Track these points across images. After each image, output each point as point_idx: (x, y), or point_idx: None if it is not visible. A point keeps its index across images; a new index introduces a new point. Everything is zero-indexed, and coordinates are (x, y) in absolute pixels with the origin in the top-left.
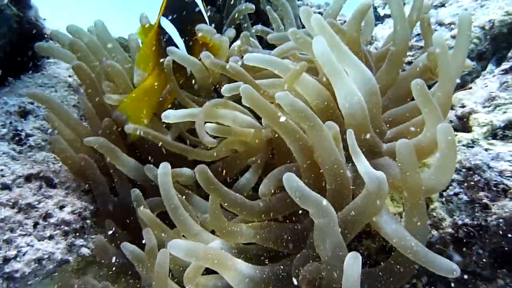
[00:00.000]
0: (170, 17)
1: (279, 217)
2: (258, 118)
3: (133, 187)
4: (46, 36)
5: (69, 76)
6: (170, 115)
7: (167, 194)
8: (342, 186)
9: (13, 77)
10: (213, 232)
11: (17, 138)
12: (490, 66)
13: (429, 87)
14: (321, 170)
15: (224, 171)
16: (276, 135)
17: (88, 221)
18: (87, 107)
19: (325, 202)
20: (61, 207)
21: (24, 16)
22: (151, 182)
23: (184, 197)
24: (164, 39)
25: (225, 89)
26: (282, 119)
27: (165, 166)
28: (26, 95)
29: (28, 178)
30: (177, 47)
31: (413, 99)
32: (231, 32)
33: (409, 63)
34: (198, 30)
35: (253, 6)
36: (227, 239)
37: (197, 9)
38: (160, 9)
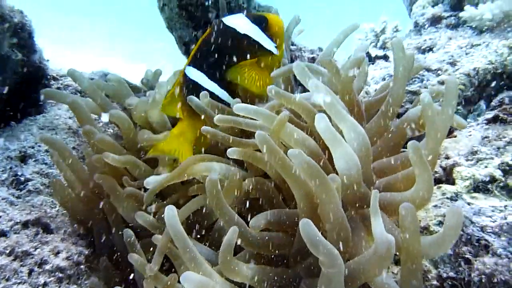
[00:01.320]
0: (196, 65)
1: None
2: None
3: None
4: (49, 77)
5: (70, 118)
6: (150, 182)
7: (177, 235)
8: (342, 241)
9: (16, 118)
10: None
11: (16, 183)
12: (471, 116)
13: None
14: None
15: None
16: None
17: (82, 266)
18: (85, 149)
19: (336, 252)
20: (57, 253)
21: (28, 60)
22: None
23: None
24: (190, 87)
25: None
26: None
27: (171, 208)
28: (39, 140)
29: (25, 224)
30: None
31: (404, 147)
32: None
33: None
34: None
35: None
36: (226, 274)
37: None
38: (189, 56)
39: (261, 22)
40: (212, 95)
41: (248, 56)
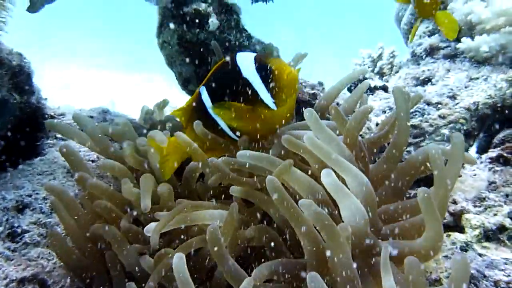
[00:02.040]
0: (208, 88)
1: None
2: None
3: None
4: (47, 116)
5: None
6: (149, 230)
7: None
8: None
9: (14, 162)
10: None
11: (13, 236)
12: (475, 148)
13: (427, 179)
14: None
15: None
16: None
17: None
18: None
19: None
20: None
21: (27, 102)
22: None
23: None
24: (199, 107)
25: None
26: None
27: (180, 256)
28: (45, 189)
29: (22, 282)
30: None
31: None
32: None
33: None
34: None
35: None
36: None
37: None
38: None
39: (264, 70)
40: (215, 123)
41: (242, 99)
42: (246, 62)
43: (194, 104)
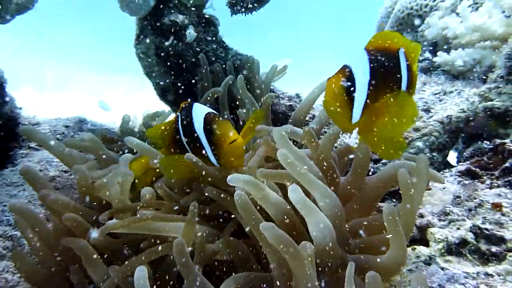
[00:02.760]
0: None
1: None
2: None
3: None
4: (21, 125)
5: (40, 171)
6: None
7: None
8: None
9: None
10: None
11: None
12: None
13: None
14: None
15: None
16: None
17: None
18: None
19: None
20: None
21: None
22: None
23: None
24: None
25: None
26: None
27: (142, 269)
28: (8, 209)
29: None
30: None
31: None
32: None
33: None
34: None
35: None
36: None
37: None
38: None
39: (210, 133)
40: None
41: (194, 146)
42: (198, 117)
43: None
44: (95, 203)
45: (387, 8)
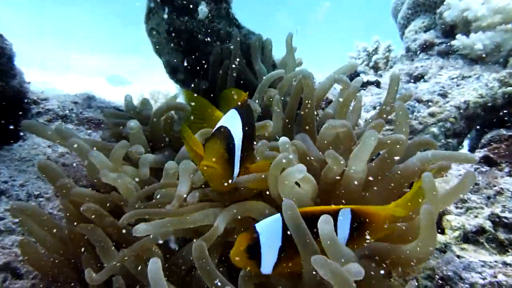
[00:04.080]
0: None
1: None
2: None
3: None
4: (29, 101)
5: (49, 147)
6: (140, 229)
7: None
8: None
9: None
10: None
11: None
12: (466, 147)
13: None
14: None
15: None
16: None
17: None
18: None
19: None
20: None
21: (7, 85)
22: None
23: None
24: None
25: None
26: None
27: (156, 261)
28: (11, 212)
29: None
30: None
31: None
32: None
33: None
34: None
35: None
36: None
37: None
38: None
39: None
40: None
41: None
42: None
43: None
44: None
45: None
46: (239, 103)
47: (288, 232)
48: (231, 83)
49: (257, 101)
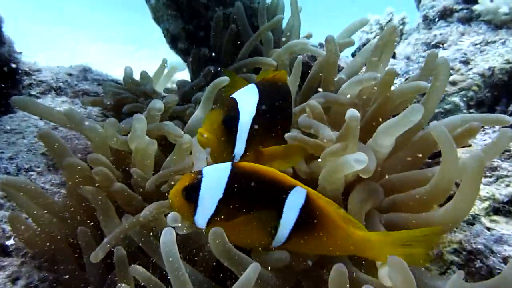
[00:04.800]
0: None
1: None
2: None
3: (106, 267)
4: (20, 72)
5: (41, 119)
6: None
7: (171, 261)
8: None
9: None
10: None
11: None
12: None
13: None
14: None
15: None
16: None
17: None
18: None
19: None
20: (15, 280)
21: None
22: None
23: None
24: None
25: None
26: None
27: (170, 232)
28: (1, 186)
29: None
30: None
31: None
32: None
33: None
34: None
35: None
36: None
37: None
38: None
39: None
40: None
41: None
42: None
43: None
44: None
45: None
46: (267, 79)
47: (234, 187)
48: (244, 55)
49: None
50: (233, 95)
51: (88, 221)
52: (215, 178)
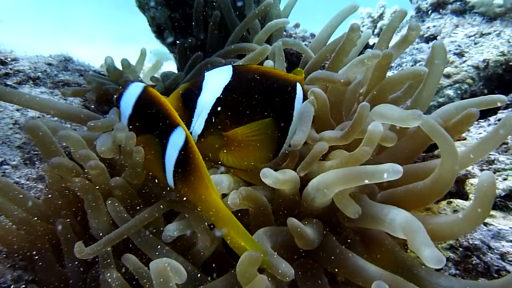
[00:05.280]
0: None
1: None
2: None
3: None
4: None
5: (17, 110)
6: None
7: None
8: None
9: None
10: None
11: None
12: None
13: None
14: None
15: None
16: None
17: None
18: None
19: None
20: None
21: None
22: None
23: None
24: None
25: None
26: None
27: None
28: None
29: None
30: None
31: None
32: None
33: None
34: None
35: None
36: None
37: None
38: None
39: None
40: None
41: None
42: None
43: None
44: None
45: None
46: (254, 68)
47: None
48: (231, 44)
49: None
50: (206, 72)
51: (68, 214)
52: (128, 98)
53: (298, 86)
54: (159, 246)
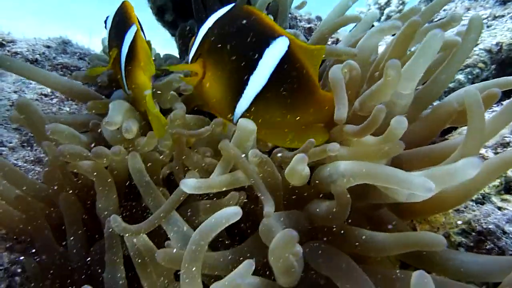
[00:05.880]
0: None
1: None
2: None
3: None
4: None
5: (14, 92)
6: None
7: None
8: None
9: None
10: None
11: None
12: None
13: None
14: None
15: None
16: None
17: (17, 278)
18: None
19: None
20: None
21: None
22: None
23: None
24: None
25: None
26: None
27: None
28: None
29: None
30: None
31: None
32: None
33: None
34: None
35: None
36: None
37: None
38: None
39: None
40: None
41: None
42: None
43: None
44: None
45: None
46: (250, 11)
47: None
48: None
49: None
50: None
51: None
52: None
53: (281, 41)
54: None
